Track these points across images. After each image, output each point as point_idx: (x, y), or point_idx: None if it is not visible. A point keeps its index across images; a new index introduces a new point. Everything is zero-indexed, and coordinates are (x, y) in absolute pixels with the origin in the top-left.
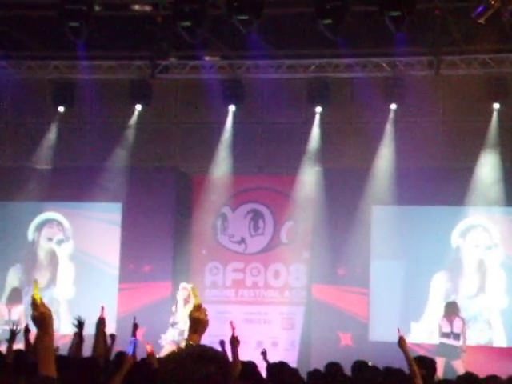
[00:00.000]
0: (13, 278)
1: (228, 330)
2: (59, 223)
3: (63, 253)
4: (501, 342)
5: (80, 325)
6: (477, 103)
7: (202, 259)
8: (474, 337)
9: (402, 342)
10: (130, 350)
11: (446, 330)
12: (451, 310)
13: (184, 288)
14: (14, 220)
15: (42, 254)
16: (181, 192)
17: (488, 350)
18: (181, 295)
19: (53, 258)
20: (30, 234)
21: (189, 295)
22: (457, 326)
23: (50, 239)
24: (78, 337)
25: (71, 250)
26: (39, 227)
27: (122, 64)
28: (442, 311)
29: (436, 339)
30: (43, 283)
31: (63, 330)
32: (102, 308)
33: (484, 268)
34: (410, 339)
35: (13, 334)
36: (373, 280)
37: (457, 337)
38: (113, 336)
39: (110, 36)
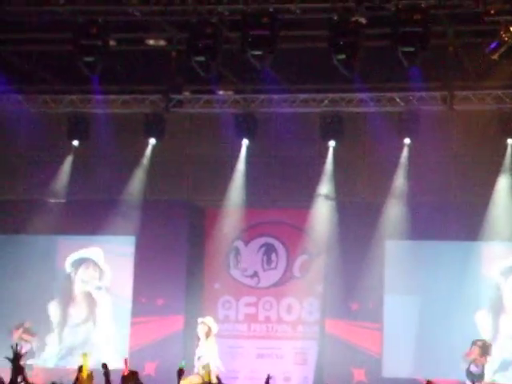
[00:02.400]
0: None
1: (240, 365)
2: (95, 264)
3: (101, 297)
4: None
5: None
6: (490, 138)
7: (214, 293)
8: None
9: None
10: None
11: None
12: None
13: (202, 323)
14: (25, 253)
15: (76, 290)
16: (194, 225)
17: None
18: (201, 330)
19: (90, 299)
20: (67, 268)
21: (209, 329)
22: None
23: (86, 282)
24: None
25: (108, 295)
26: (75, 265)
27: (136, 98)
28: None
29: (454, 375)
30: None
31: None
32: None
33: None
34: (425, 376)
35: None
36: (386, 315)
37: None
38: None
39: (125, 70)
